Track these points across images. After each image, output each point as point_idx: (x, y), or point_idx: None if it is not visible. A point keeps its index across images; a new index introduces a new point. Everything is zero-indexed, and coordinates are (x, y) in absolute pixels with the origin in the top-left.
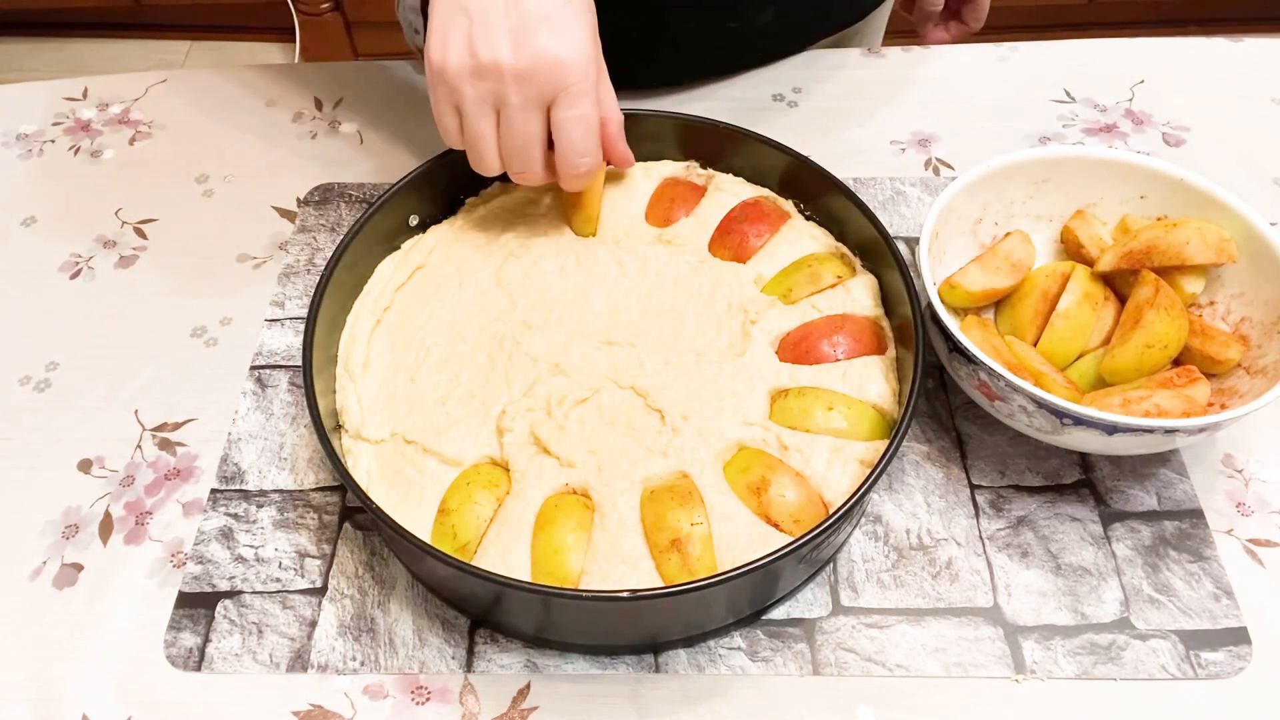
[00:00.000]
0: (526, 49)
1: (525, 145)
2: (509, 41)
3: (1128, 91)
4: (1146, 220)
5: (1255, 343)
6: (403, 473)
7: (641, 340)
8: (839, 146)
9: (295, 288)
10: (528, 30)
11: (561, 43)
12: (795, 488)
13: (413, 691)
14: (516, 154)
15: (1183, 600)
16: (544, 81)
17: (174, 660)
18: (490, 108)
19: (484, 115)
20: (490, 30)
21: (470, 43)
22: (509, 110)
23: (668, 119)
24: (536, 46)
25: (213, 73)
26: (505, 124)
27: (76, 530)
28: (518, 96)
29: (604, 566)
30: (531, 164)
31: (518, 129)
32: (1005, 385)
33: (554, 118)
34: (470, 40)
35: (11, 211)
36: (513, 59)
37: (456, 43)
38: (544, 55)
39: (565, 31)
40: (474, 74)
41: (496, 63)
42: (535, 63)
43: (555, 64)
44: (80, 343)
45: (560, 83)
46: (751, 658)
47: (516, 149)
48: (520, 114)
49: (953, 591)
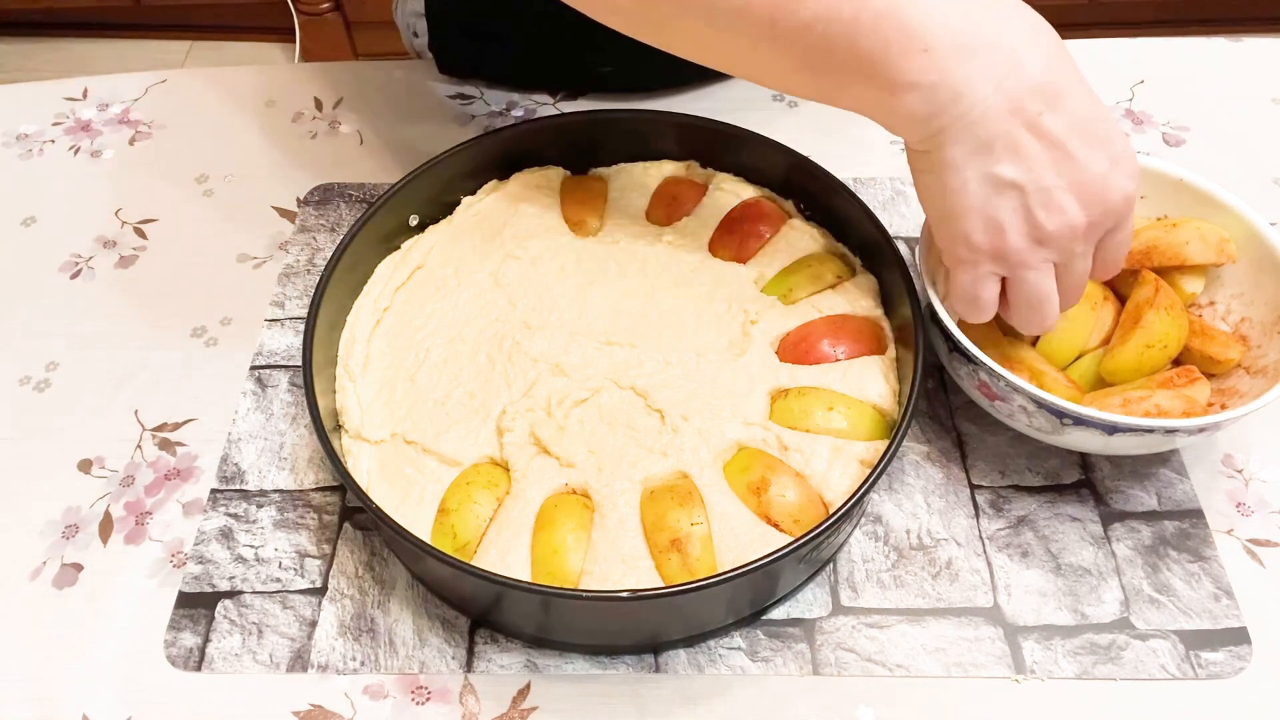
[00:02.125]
0: (1099, 203)
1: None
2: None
3: (1128, 91)
4: (1146, 220)
5: (1255, 343)
6: (403, 473)
7: (641, 340)
8: (839, 146)
9: (295, 288)
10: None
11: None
12: (795, 488)
13: (413, 691)
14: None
15: (1183, 600)
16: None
17: (174, 660)
18: (1051, 268)
19: (1047, 274)
20: (1052, 196)
21: (1027, 214)
22: (1072, 259)
23: (668, 119)
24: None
25: (213, 73)
26: (1064, 271)
27: (76, 530)
28: (1084, 245)
29: (604, 566)
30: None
31: (1078, 270)
32: (1005, 385)
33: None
34: (1027, 211)
35: (11, 211)
36: (1086, 218)
37: (1010, 219)
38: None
39: (1128, 162)
40: (1038, 243)
41: (1071, 226)
42: (1108, 212)
43: (1125, 202)
44: (80, 343)
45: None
46: (751, 658)
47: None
48: (1081, 260)
49: (953, 591)
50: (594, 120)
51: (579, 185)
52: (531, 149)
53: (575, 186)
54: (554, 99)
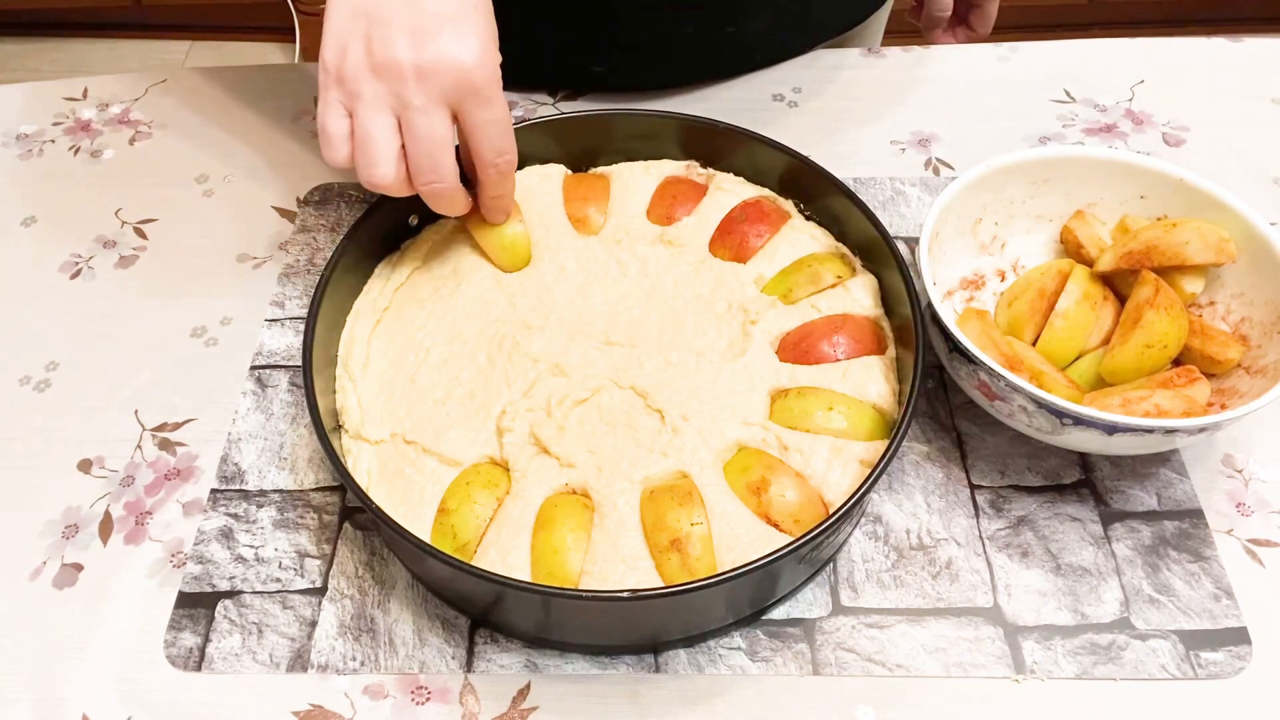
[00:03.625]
0: (428, 49)
1: (432, 149)
2: (410, 41)
3: (1128, 91)
4: (1146, 220)
5: (1255, 343)
6: (402, 473)
7: (641, 340)
8: (839, 146)
9: (295, 288)
10: (430, 30)
11: (466, 45)
12: (795, 488)
13: (413, 691)
14: (423, 159)
15: (1183, 600)
16: (448, 81)
17: (174, 660)
18: (388, 107)
19: (380, 113)
20: (391, 30)
21: (369, 41)
22: (411, 112)
23: (668, 119)
24: (440, 45)
25: (213, 73)
26: (409, 128)
27: (76, 530)
28: (420, 96)
29: (604, 566)
30: (441, 169)
31: (422, 131)
32: (1005, 385)
33: (466, 124)
34: (369, 39)
35: (11, 211)
36: (414, 56)
37: (354, 43)
38: (448, 55)
39: (469, 34)
40: (373, 72)
41: (397, 60)
42: (439, 61)
43: (459, 64)
44: (80, 343)
45: (467, 85)
46: (751, 658)
47: (423, 153)
48: (423, 115)
49: (953, 591)
50: (594, 120)
51: (581, 182)
52: (532, 149)
53: (577, 183)
54: (554, 99)
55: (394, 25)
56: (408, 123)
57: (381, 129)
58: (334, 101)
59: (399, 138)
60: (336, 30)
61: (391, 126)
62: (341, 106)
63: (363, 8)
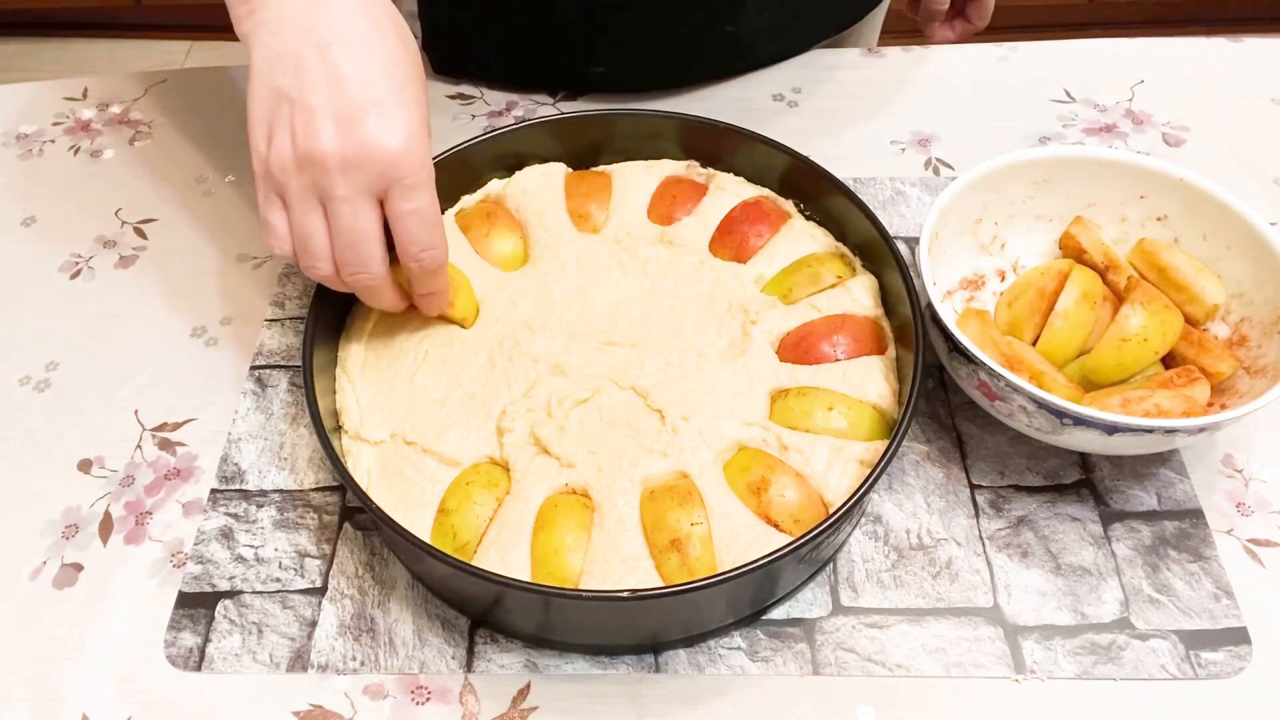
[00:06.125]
0: (352, 137)
1: (356, 241)
2: (333, 128)
3: (1128, 91)
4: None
5: (1255, 343)
6: (402, 473)
7: (642, 340)
8: (839, 146)
9: (295, 288)
10: (355, 118)
11: (392, 132)
12: (795, 488)
13: (413, 691)
14: (348, 251)
15: (1183, 600)
16: (373, 171)
17: (174, 660)
18: (316, 201)
19: (310, 210)
20: (313, 117)
21: (293, 131)
22: (335, 203)
23: (668, 119)
24: (364, 134)
25: (213, 73)
26: (333, 220)
27: (76, 530)
28: (344, 187)
29: (604, 566)
30: (368, 261)
31: (346, 223)
32: (1005, 385)
33: (390, 213)
34: (292, 128)
35: (11, 211)
36: (338, 146)
37: (280, 131)
38: (372, 143)
39: (396, 120)
40: (297, 165)
41: (322, 151)
42: (362, 151)
43: (384, 153)
44: (80, 343)
45: (392, 174)
46: (751, 658)
47: (347, 245)
48: (348, 206)
49: (953, 591)
50: (594, 120)
51: (583, 179)
52: (532, 149)
53: (579, 180)
54: (554, 99)
55: (317, 112)
56: (332, 214)
57: (315, 225)
58: (269, 193)
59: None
60: (260, 115)
61: (323, 220)
62: (277, 198)
63: (284, 91)
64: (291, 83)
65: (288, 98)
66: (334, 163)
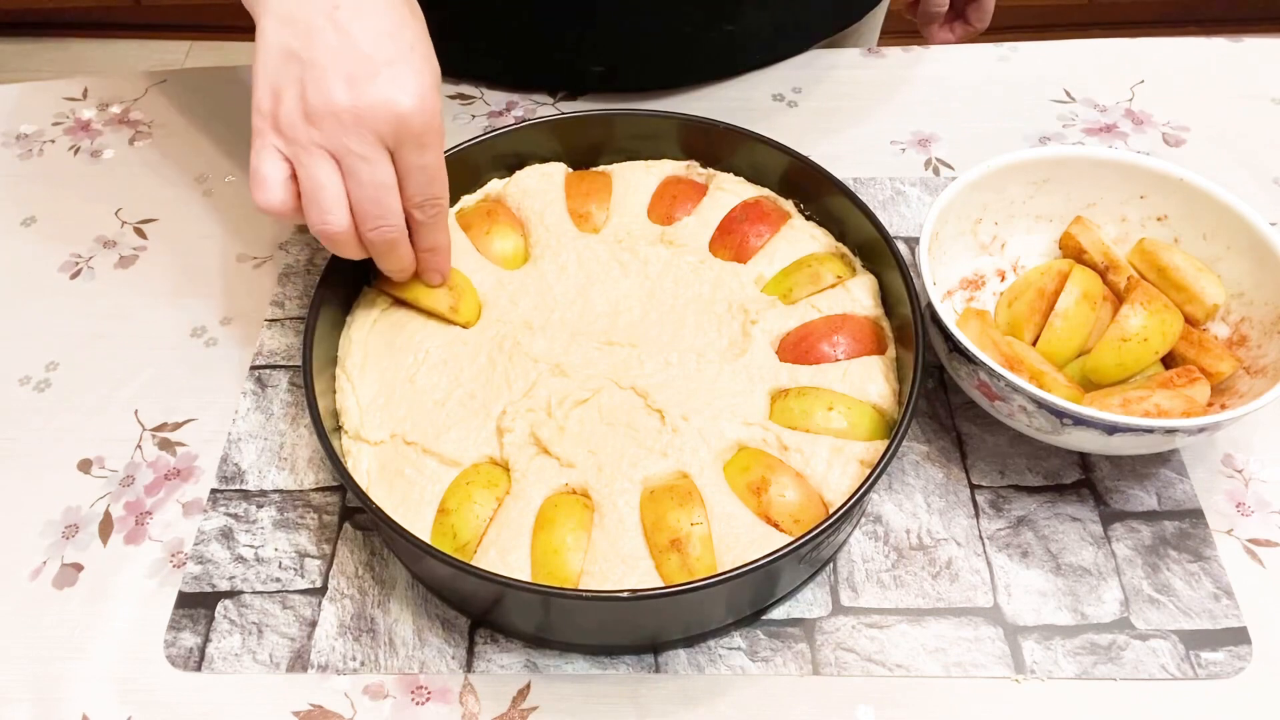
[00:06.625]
0: (366, 94)
1: (378, 194)
2: (345, 85)
3: (1128, 91)
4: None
5: (1255, 343)
6: (402, 473)
7: (642, 340)
8: (839, 146)
9: (295, 288)
10: (366, 74)
11: (404, 89)
12: (795, 488)
13: (413, 691)
14: (369, 205)
15: (1183, 600)
16: (386, 127)
17: (174, 660)
18: (327, 154)
19: (322, 162)
20: (325, 74)
21: (303, 87)
22: (352, 160)
23: (668, 119)
24: (376, 91)
25: (213, 73)
26: (352, 175)
27: (76, 530)
28: (360, 143)
29: (604, 566)
30: (389, 215)
31: (366, 178)
32: (1005, 385)
33: (399, 168)
34: (303, 84)
35: (11, 211)
36: (351, 102)
37: (288, 89)
38: (384, 99)
39: (407, 78)
40: (308, 119)
41: (334, 106)
42: (374, 107)
43: (398, 110)
44: (80, 343)
45: (404, 129)
46: (751, 658)
47: (369, 199)
48: (366, 162)
49: (953, 591)
50: (594, 120)
51: (584, 179)
52: (532, 149)
53: (580, 180)
54: (554, 99)
55: (328, 70)
56: (350, 169)
57: (329, 176)
58: (269, 146)
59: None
60: (268, 74)
61: (337, 174)
62: (278, 153)
63: (294, 51)
64: (302, 44)
65: (297, 58)
66: (348, 117)
